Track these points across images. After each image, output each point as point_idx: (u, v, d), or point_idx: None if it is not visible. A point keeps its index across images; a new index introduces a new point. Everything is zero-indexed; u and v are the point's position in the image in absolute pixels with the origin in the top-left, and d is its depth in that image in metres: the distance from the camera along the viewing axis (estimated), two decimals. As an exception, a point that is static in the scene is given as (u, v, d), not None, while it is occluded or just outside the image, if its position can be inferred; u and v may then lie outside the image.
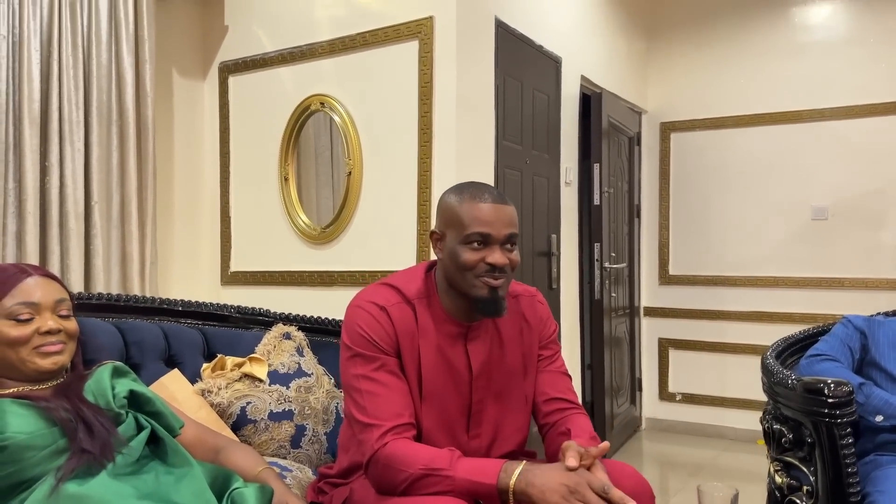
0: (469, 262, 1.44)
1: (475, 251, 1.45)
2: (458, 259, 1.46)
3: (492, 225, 1.44)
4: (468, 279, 1.46)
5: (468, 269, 1.45)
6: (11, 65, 2.71)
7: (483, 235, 1.44)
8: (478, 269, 1.45)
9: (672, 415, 4.81)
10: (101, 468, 1.25)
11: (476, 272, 1.45)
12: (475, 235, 1.44)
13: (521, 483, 1.28)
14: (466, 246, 1.45)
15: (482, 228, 1.44)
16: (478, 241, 1.44)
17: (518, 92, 3.31)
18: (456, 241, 1.46)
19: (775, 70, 4.44)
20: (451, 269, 1.48)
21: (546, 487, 1.25)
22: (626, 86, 4.54)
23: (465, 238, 1.45)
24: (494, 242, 1.45)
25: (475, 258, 1.44)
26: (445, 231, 1.50)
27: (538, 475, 1.27)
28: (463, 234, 1.45)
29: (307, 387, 2.02)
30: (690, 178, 4.74)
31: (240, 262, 3.49)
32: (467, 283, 1.46)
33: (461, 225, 1.46)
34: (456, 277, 1.48)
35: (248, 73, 3.41)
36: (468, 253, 1.45)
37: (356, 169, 3.08)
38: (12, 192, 2.72)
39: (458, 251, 1.46)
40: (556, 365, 1.63)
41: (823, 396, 1.61)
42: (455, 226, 1.47)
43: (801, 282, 4.38)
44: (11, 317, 1.39)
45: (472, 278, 1.45)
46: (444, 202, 1.52)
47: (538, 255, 3.52)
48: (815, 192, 4.34)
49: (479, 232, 1.44)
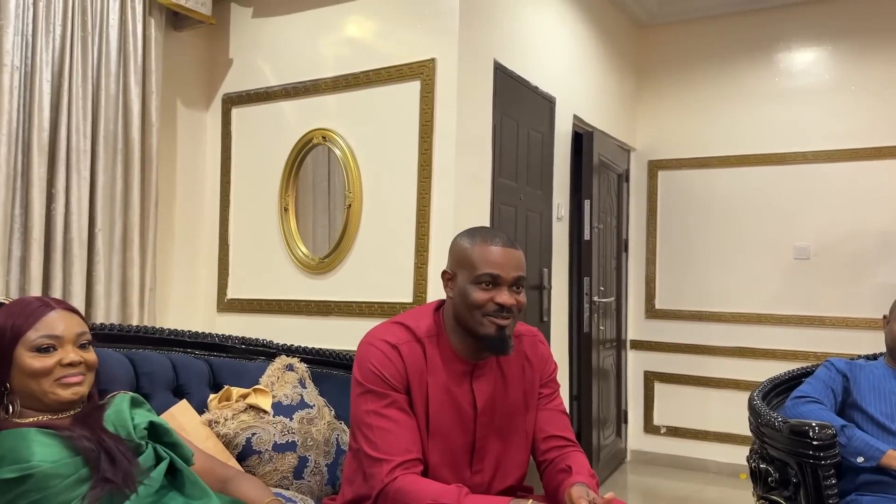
0: (478, 301, 1.52)
1: (484, 291, 1.52)
2: (468, 298, 1.53)
3: (501, 267, 1.53)
4: (476, 318, 1.53)
5: (477, 308, 1.53)
6: (23, 94, 2.77)
7: (493, 276, 1.52)
8: (486, 309, 1.52)
9: (657, 447, 4.87)
10: (123, 498, 1.30)
11: (484, 311, 1.53)
12: (485, 276, 1.52)
13: None
14: (476, 286, 1.53)
15: (492, 269, 1.52)
16: (487, 282, 1.53)
17: (514, 131, 3.42)
18: (467, 281, 1.54)
19: (761, 113, 4.59)
20: (461, 308, 1.56)
21: None
22: (616, 124, 4.67)
23: (476, 278, 1.53)
24: (503, 284, 1.53)
25: (484, 298, 1.52)
26: (457, 271, 1.58)
27: None
28: (474, 274, 1.53)
29: (309, 418, 2.07)
30: (677, 214, 4.86)
31: (237, 290, 3.54)
32: (475, 322, 1.54)
33: (472, 266, 1.54)
34: (465, 316, 1.55)
35: (251, 106, 3.49)
36: (478, 292, 1.52)
37: (356, 202, 3.15)
38: (18, 218, 2.76)
39: (468, 291, 1.54)
40: (555, 403, 1.70)
41: (808, 439, 1.69)
42: (466, 266, 1.55)
43: (783, 319, 4.48)
44: (35, 349, 1.43)
45: (480, 317, 1.53)
46: (457, 244, 1.61)
47: (530, 288, 3.60)
48: (798, 232, 4.46)
49: (489, 273, 1.52)
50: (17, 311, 1.48)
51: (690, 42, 4.82)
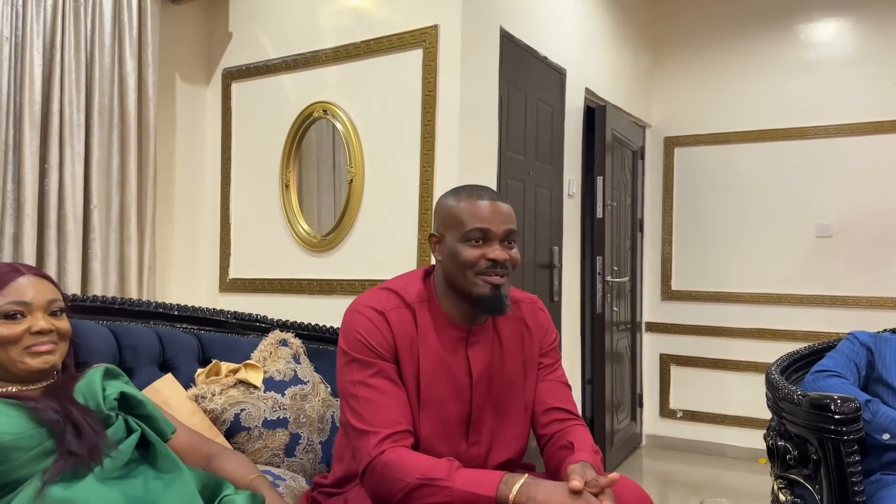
0: (469, 258, 1.43)
1: (475, 247, 1.44)
2: (458, 257, 1.45)
3: (490, 221, 1.44)
4: (469, 277, 1.44)
5: (469, 267, 1.44)
6: (13, 66, 2.70)
7: (482, 231, 1.44)
8: (478, 266, 1.44)
9: (673, 432, 4.76)
10: (88, 471, 1.22)
11: (477, 269, 1.44)
12: (475, 232, 1.44)
13: (522, 497, 1.24)
14: (466, 244, 1.44)
15: (481, 224, 1.44)
16: (477, 238, 1.44)
17: (522, 103, 3.30)
18: (456, 240, 1.46)
19: (781, 86, 4.43)
20: (452, 270, 1.47)
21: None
22: (631, 99, 4.53)
23: (465, 235, 1.44)
24: (494, 238, 1.45)
25: (475, 254, 1.44)
26: (444, 233, 1.49)
27: (540, 490, 1.24)
28: (462, 231, 1.45)
29: (303, 395, 1.99)
30: (694, 193, 4.72)
31: (239, 269, 3.46)
32: (468, 282, 1.45)
33: (460, 223, 1.45)
34: (457, 277, 1.46)
35: (251, 80, 3.40)
36: (468, 250, 1.44)
37: (357, 177, 3.06)
38: (11, 193, 2.70)
39: (458, 249, 1.45)
40: (557, 374, 1.60)
41: (830, 412, 1.57)
42: (454, 225, 1.47)
43: (804, 299, 4.34)
44: (2, 315, 1.36)
45: (472, 276, 1.44)
46: (442, 204, 1.52)
47: (540, 266, 3.49)
48: (820, 210, 4.31)
49: (478, 228, 1.44)
50: (-16, 277, 1.40)
51: (708, 13, 4.65)
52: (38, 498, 1.17)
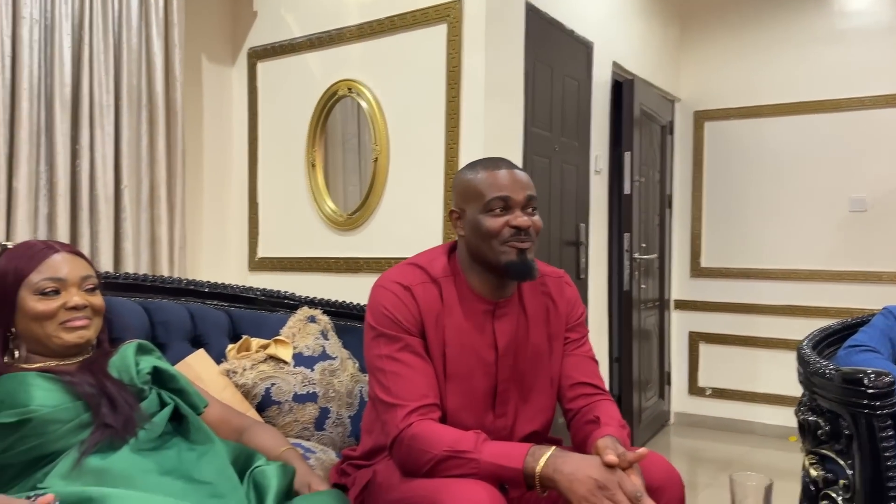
0: (493, 228, 1.43)
1: (497, 217, 1.44)
2: (481, 228, 1.45)
3: (510, 188, 1.44)
4: (495, 247, 1.44)
5: (493, 237, 1.44)
6: (43, 48, 2.73)
7: (503, 199, 1.44)
8: (503, 235, 1.44)
9: (702, 410, 4.73)
10: (123, 443, 1.25)
11: (501, 238, 1.44)
12: (496, 202, 1.44)
13: (549, 469, 1.24)
14: (488, 214, 1.44)
15: (501, 192, 1.44)
16: (499, 208, 1.44)
17: (548, 77, 3.26)
18: (477, 212, 1.46)
19: (814, 57, 4.32)
20: (476, 242, 1.47)
21: (574, 477, 1.21)
22: (659, 73, 4.46)
23: (486, 206, 1.44)
24: (515, 206, 1.45)
25: (499, 224, 1.44)
26: (464, 207, 1.50)
27: (567, 463, 1.24)
28: (483, 202, 1.45)
29: (331, 370, 2.01)
30: (724, 168, 4.64)
31: (267, 248, 3.50)
32: (494, 252, 1.45)
33: (480, 195, 1.46)
34: (482, 249, 1.46)
35: (276, 59, 3.41)
36: (490, 220, 1.44)
37: (382, 155, 3.05)
38: (44, 174, 2.75)
39: (480, 221, 1.45)
40: (584, 349, 1.59)
41: (863, 387, 1.54)
42: (473, 198, 1.47)
43: (837, 275, 4.27)
44: (38, 292, 1.39)
45: (498, 245, 1.44)
46: (460, 180, 1.53)
47: (566, 244, 3.48)
48: (854, 183, 4.22)
49: (498, 197, 1.44)
50: (20, 254, 1.44)
51: (738, -17, 4.55)
52: (76, 468, 1.20)
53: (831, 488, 1.66)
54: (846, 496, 1.62)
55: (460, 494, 1.22)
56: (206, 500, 1.22)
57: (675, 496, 1.34)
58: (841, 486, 1.64)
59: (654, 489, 1.31)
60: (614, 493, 1.19)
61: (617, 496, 1.19)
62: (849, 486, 1.61)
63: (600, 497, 1.19)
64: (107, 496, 1.12)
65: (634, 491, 1.19)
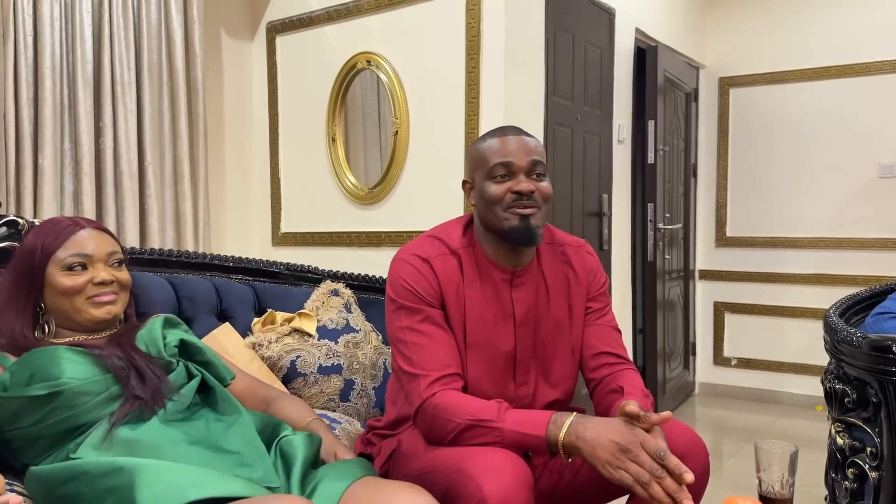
0: (496, 194, 1.44)
1: (500, 183, 1.44)
2: (485, 195, 1.46)
3: (514, 154, 1.44)
4: (498, 213, 1.45)
5: (496, 203, 1.44)
6: (64, 26, 2.75)
7: (505, 165, 1.44)
8: (505, 201, 1.44)
9: (727, 380, 4.71)
10: (152, 414, 1.28)
11: (504, 204, 1.44)
12: (498, 168, 1.44)
13: (571, 436, 1.24)
14: (491, 181, 1.45)
15: (503, 158, 1.44)
16: (501, 175, 1.44)
17: (569, 45, 3.21)
18: (483, 180, 1.47)
19: (841, 19, 4.20)
20: (483, 209, 1.48)
21: (597, 443, 1.21)
22: (683, 39, 4.37)
23: (489, 173, 1.45)
24: (519, 171, 1.44)
25: (501, 190, 1.44)
26: (474, 176, 1.51)
27: (589, 429, 1.24)
28: (486, 169, 1.45)
29: (355, 342, 2.03)
30: (750, 135, 4.56)
31: (290, 223, 3.52)
32: (498, 218, 1.45)
33: (485, 162, 1.46)
34: (488, 216, 1.47)
35: (295, 33, 3.39)
36: (493, 186, 1.45)
37: (403, 128, 3.04)
38: (69, 152, 2.78)
39: (484, 188, 1.46)
40: (606, 319, 1.59)
41: (892, 354, 1.52)
42: (480, 165, 1.48)
43: (865, 243, 4.19)
44: (65, 267, 1.41)
45: (501, 211, 1.45)
46: (471, 150, 1.54)
47: (589, 215, 3.45)
48: (883, 149, 4.12)
49: (500, 163, 1.44)
50: (46, 231, 1.45)
51: (765, -55, 4.43)
52: (107, 439, 1.23)
53: (858, 456, 1.65)
54: (873, 464, 1.61)
55: (484, 462, 1.23)
56: (234, 469, 1.24)
57: (700, 462, 1.33)
58: (868, 454, 1.62)
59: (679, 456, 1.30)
60: (637, 454, 1.18)
61: (640, 457, 1.18)
62: (876, 453, 1.60)
63: (623, 460, 1.19)
64: (137, 465, 1.14)
65: (657, 450, 1.18)
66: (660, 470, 1.17)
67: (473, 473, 1.22)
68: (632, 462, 1.18)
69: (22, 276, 1.40)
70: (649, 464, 1.17)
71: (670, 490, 1.16)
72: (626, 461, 1.18)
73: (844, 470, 1.69)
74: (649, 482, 1.16)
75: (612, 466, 1.19)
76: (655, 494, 1.16)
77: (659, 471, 1.17)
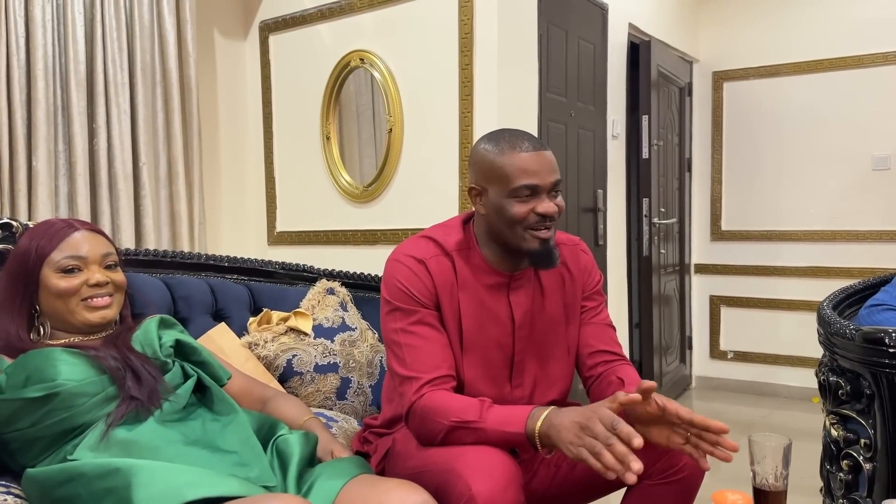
0: (519, 215, 1.40)
1: (524, 203, 1.40)
2: (505, 214, 1.41)
3: (538, 174, 1.39)
4: (518, 233, 1.42)
5: (518, 223, 1.41)
6: (56, 28, 2.74)
7: (531, 187, 1.39)
8: (528, 221, 1.40)
9: (723, 373, 4.72)
10: (148, 415, 1.28)
11: (526, 224, 1.40)
12: (523, 189, 1.39)
13: (545, 426, 1.24)
14: (514, 199, 1.40)
15: (530, 180, 1.38)
16: (526, 195, 1.39)
17: (562, 41, 3.22)
18: (502, 196, 1.41)
19: (835, 11, 4.21)
20: (499, 225, 1.44)
21: (562, 426, 1.20)
22: (677, 34, 4.37)
23: (513, 192, 1.39)
24: (542, 192, 1.40)
25: (525, 210, 1.40)
26: (486, 186, 1.44)
27: (558, 415, 1.23)
28: (509, 187, 1.39)
29: (351, 341, 2.03)
30: (744, 129, 4.57)
31: (285, 222, 3.52)
32: (517, 237, 1.42)
33: (506, 178, 1.40)
34: (504, 232, 1.44)
35: (288, 31, 3.39)
36: (517, 206, 1.40)
37: (397, 125, 3.04)
38: (63, 154, 2.78)
39: (504, 205, 1.41)
40: (601, 317, 1.59)
41: (884, 346, 1.53)
42: (497, 179, 1.41)
43: (860, 235, 4.21)
44: (60, 269, 1.41)
45: (521, 231, 1.41)
46: (480, 154, 1.45)
47: (584, 210, 3.45)
48: (877, 141, 4.13)
49: (526, 185, 1.38)
50: (41, 233, 1.46)
51: (757, -62, 4.43)
52: (104, 440, 1.23)
53: (852, 448, 1.66)
54: (867, 455, 1.62)
55: (473, 462, 1.24)
56: (231, 469, 1.24)
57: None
58: (862, 446, 1.63)
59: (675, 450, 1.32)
60: (592, 427, 1.16)
61: (595, 428, 1.16)
62: (870, 445, 1.61)
63: (582, 436, 1.17)
64: (134, 466, 1.14)
65: (611, 420, 1.16)
66: (611, 437, 1.14)
67: (463, 473, 1.22)
68: (588, 436, 1.17)
69: (17, 278, 1.41)
70: (602, 433, 1.15)
71: (619, 455, 1.12)
72: (584, 437, 1.17)
73: (839, 462, 1.70)
74: (601, 451, 1.14)
75: (573, 445, 1.18)
76: (606, 462, 1.13)
77: (610, 438, 1.14)
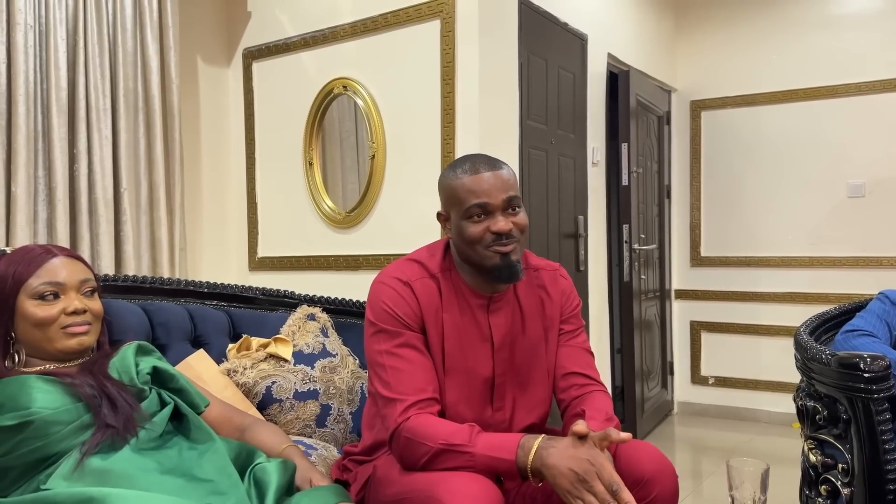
0: (474, 235, 1.44)
1: (477, 223, 1.44)
2: (464, 234, 1.46)
3: (488, 193, 1.44)
4: (479, 251, 1.46)
5: (476, 242, 1.45)
6: (38, 53, 2.74)
7: (481, 206, 1.44)
8: (485, 241, 1.45)
9: (705, 398, 4.74)
10: (124, 443, 1.26)
11: (484, 244, 1.45)
12: (474, 209, 1.44)
13: (537, 462, 1.26)
14: (468, 220, 1.45)
15: (479, 199, 1.43)
16: (478, 214, 1.44)
17: (543, 70, 3.27)
18: (459, 218, 1.46)
19: (809, 44, 4.32)
20: (461, 246, 1.49)
21: (557, 471, 1.23)
22: (655, 63, 4.45)
23: (466, 213, 1.45)
24: (495, 210, 1.44)
25: (479, 230, 1.44)
26: (449, 210, 1.50)
27: (552, 454, 1.25)
28: (463, 209, 1.45)
29: (332, 367, 2.02)
30: (722, 157, 4.65)
31: (267, 248, 3.51)
32: (479, 256, 1.46)
33: (460, 201, 1.46)
34: (468, 252, 1.48)
35: (271, 59, 3.41)
36: (471, 227, 1.45)
37: (379, 152, 3.06)
38: (42, 179, 2.76)
39: (462, 227, 1.46)
40: (578, 341, 1.60)
41: (859, 371, 1.56)
42: (455, 203, 1.47)
43: (837, 261, 4.27)
44: (37, 296, 1.40)
45: (481, 250, 1.45)
46: (443, 182, 1.52)
47: (565, 236, 3.48)
48: (852, 169, 4.22)
49: (476, 204, 1.43)
50: (18, 259, 1.45)
51: (732, -28, 4.54)
52: (78, 469, 1.21)
53: (830, 472, 1.68)
54: (845, 480, 1.63)
55: (455, 488, 1.24)
56: (208, 498, 1.23)
57: (668, 487, 1.34)
58: (840, 470, 1.65)
59: (646, 480, 1.32)
60: (593, 485, 1.21)
61: (595, 487, 1.21)
62: (847, 469, 1.62)
63: (581, 490, 1.21)
64: (108, 496, 1.13)
65: (611, 482, 1.21)
66: (611, 501, 1.20)
67: (444, 499, 1.22)
68: (587, 492, 1.21)
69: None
70: (602, 495, 1.20)
71: None
72: (583, 491, 1.21)
73: (818, 486, 1.72)
74: None
75: (571, 495, 1.22)
76: None
77: (610, 502, 1.20)
